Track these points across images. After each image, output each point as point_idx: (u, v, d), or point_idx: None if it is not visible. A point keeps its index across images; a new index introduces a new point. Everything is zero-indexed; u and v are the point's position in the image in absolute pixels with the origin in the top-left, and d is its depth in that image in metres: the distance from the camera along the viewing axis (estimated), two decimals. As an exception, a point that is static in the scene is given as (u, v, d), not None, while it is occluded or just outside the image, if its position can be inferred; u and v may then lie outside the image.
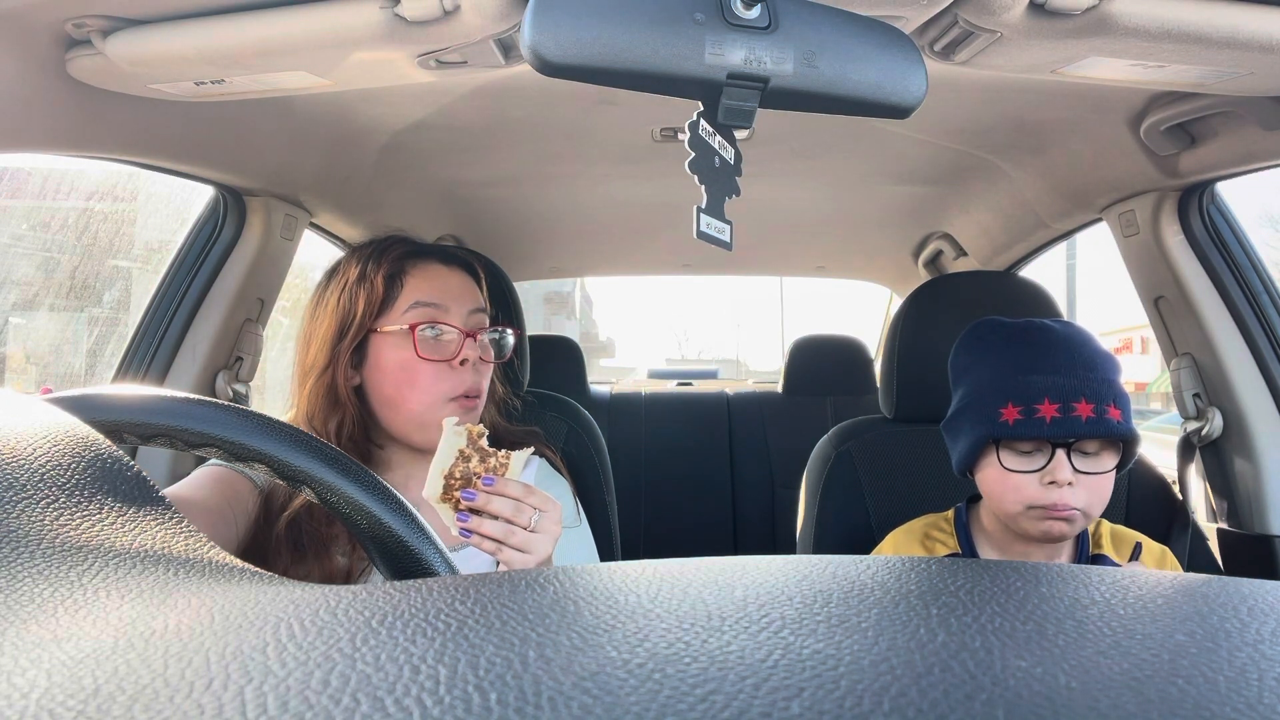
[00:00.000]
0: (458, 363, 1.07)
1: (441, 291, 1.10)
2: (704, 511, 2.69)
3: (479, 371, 1.10)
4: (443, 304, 1.09)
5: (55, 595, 0.26)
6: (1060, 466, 0.98)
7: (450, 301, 1.10)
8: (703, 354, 42.46)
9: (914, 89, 0.62)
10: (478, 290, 1.16)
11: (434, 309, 1.09)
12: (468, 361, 1.08)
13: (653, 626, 0.23)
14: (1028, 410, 0.99)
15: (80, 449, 0.35)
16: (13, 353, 3.49)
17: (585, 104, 1.41)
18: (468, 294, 1.13)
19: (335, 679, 0.20)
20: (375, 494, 0.49)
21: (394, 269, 1.11)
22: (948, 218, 2.22)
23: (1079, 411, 0.97)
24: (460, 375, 1.08)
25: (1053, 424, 0.98)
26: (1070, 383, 0.99)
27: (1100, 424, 0.98)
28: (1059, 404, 0.98)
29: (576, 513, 1.20)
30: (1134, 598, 0.27)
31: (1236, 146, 1.26)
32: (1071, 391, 0.98)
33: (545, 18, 0.54)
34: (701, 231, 0.62)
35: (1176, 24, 0.84)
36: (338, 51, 0.92)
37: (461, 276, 1.14)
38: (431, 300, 1.09)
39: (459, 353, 1.08)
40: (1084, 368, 1.00)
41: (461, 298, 1.11)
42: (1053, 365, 1.00)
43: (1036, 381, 0.99)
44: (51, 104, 0.98)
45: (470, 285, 1.15)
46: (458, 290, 1.12)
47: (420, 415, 1.07)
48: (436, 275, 1.12)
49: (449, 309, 1.10)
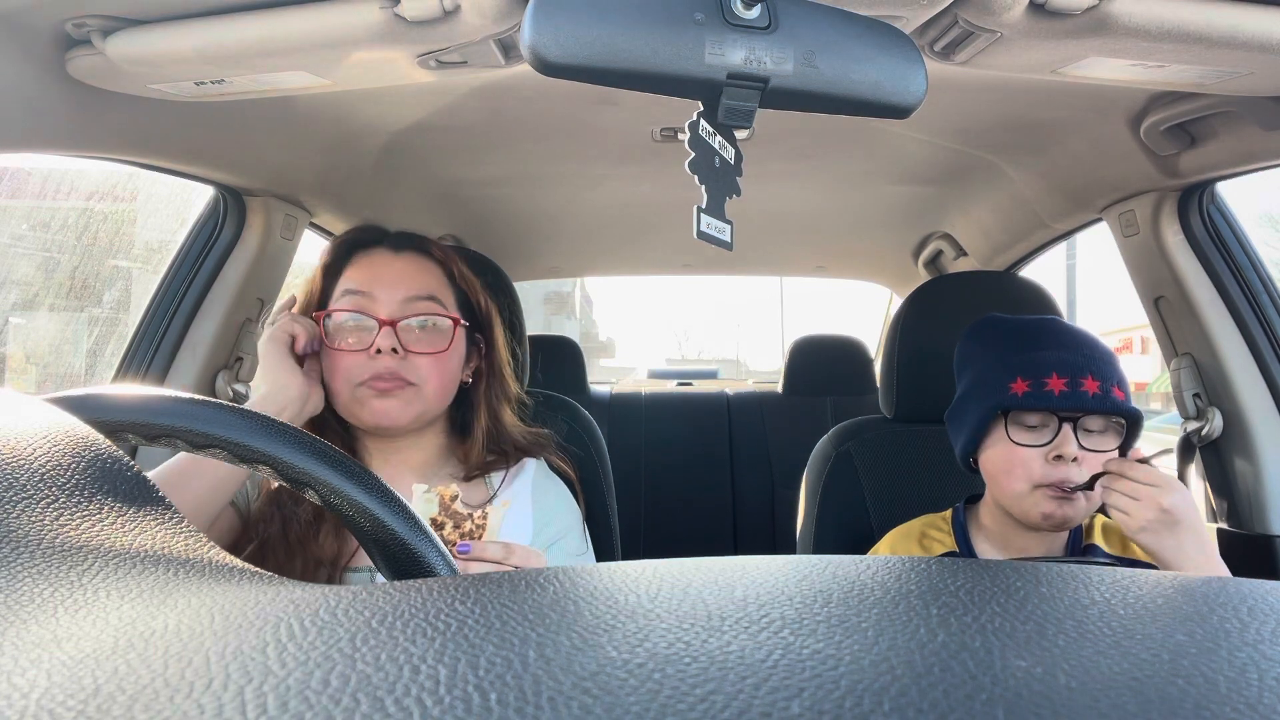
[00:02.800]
0: (373, 351, 1.03)
1: (371, 279, 1.07)
2: (704, 511, 2.69)
3: (408, 361, 1.04)
4: (369, 291, 1.06)
5: (55, 595, 0.26)
6: (1067, 440, 1.00)
7: (380, 289, 1.06)
8: (703, 354, 42.48)
9: (914, 89, 0.62)
10: (428, 277, 1.10)
11: (360, 297, 1.06)
12: (382, 351, 1.02)
13: (653, 626, 0.23)
14: (1036, 384, 1.01)
15: (80, 449, 0.35)
16: (13, 353, 3.49)
17: (585, 104, 1.41)
18: (406, 281, 1.07)
19: (335, 679, 0.20)
20: (377, 496, 0.49)
21: (334, 259, 1.10)
22: (948, 218, 2.22)
23: (1086, 387, 1.00)
24: (375, 362, 1.03)
25: (1061, 397, 1.00)
26: (1077, 359, 1.01)
27: (1107, 400, 1.00)
28: (1067, 378, 1.00)
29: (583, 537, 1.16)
30: (1134, 598, 0.27)
31: (1236, 146, 1.26)
32: (1079, 368, 1.01)
33: (545, 18, 0.54)
34: (702, 231, 0.62)
35: (1176, 24, 0.84)
36: (338, 51, 0.92)
37: (407, 263, 1.09)
38: (358, 288, 1.06)
39: (372, 342, 1.03)
40: (1089, 347, 1.03)
41: (395, 285, 1.06)
42: (1059, 343, 1.03)
43: (1045, 357, 1.02)
44: (51, 104, 0.98)
45: (415, 271, 1.09)
46: (392, 277, 1.07)
47: (345, 405, 1.06)
48: (375, 264, 1.09)
49: (376, 297, 1.05)
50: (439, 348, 1.07)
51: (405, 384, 1.04)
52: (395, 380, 1.03)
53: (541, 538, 1.09)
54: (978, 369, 1.09)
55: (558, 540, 1.10)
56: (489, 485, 1.12)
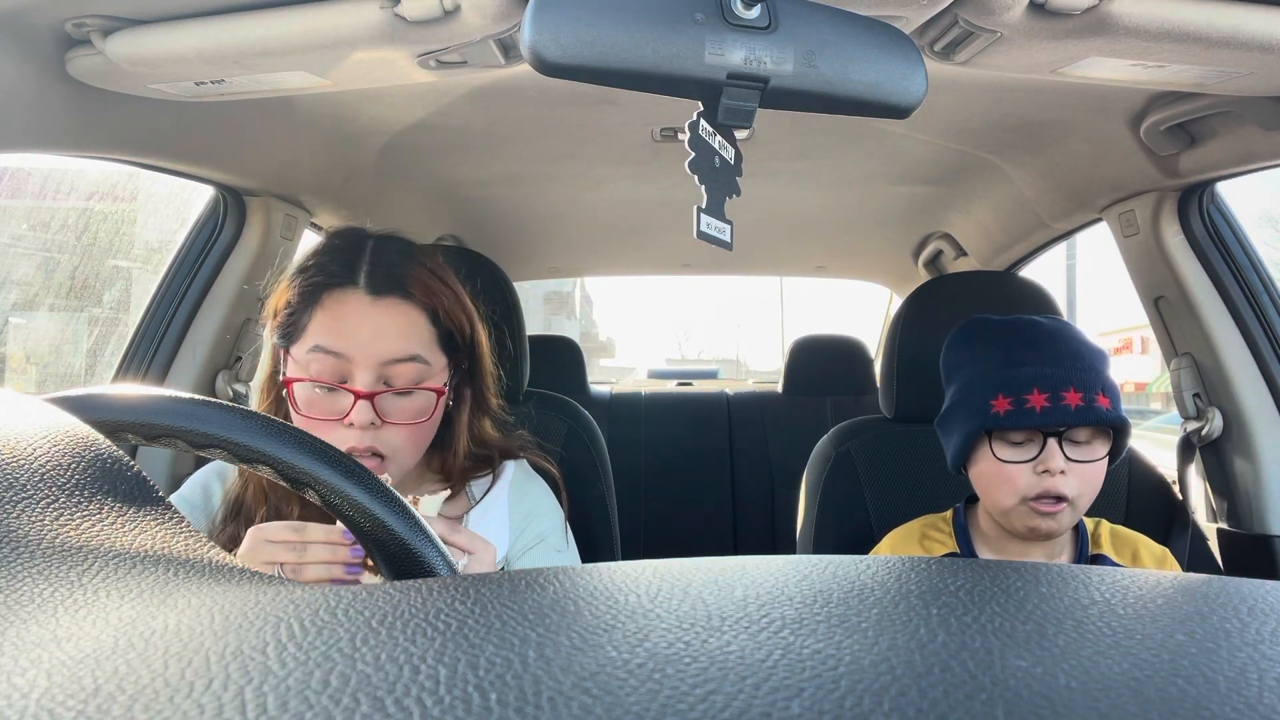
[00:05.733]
0: (346, 422, 0.91)
1: (344, 335, 0.92)
2: (704, 511, 2.70)
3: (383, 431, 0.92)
4: (343, 353, 0.92)
5: (55, 595, 0.26)
6: (1052, 455, 1.00)
7: (355, 349, 0.92)
8: (703, 354, 42.42)
9: (914, 89, 0.62)
10: (411, 329, 0.95)
11: (332, 359, 0.92)
12: (356, 424, 0.91)
13: (653, 626, 0.23)
14: (1018, 401, 1.01)
15: (80, 449, 0.35)
16: (13, 353, 3.49)
17: (585, 104, 1.41)
18: (385, 339, 0.93)
19: (335, 679, 0.20)
20: (378, 496, 0.50)
21: (305, 296, 0.95)
22: (948, 218, 2.22)
23: (1068, 400, 1.00)
24: (346, 431, 0.91)
25: (1043, 413, 1.00)
26: (1058, 372, 1.01)
27: (1089, 411, 1.00)
28: (1048, 393, 1.00)
29: (565, 538, 1.11)
30: (1134, 598, 0.27)
31: (1236, 146, 1.26)
32: (1060, 381, 1.00)
33: (545, 18, 0.54)
34: (701, 231, 0.62)
35: (1176, 24, 0.84)
36: (338, 51, 0.92)
37: (386, 314, 0.94)
38: (330, 347, 0.92)
39: (346, 415, 0.91)
40: (1070, 357, 1.03)
41: (373, 343, 0.92)
42: (1040, 356, 1.03)
43: (1025, 373, 1.02)
44: (51, 104, 0.98)
45: (396, 326, 0.94)
46: (369, 334, 0.92)
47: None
48: (349, 314, 0.93)
49: (351, 358, 0.92)
50: (420, 418, 0.95)
51: (378, 458, 0.93)
52: (367, 454, 0.92)
53: (521, 542, 1.07)
54: (961, 380, 1.09)
55: (538, 543, 1.07)
56: (470, 496, 1.08)
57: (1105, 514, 1.20)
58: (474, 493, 1.09)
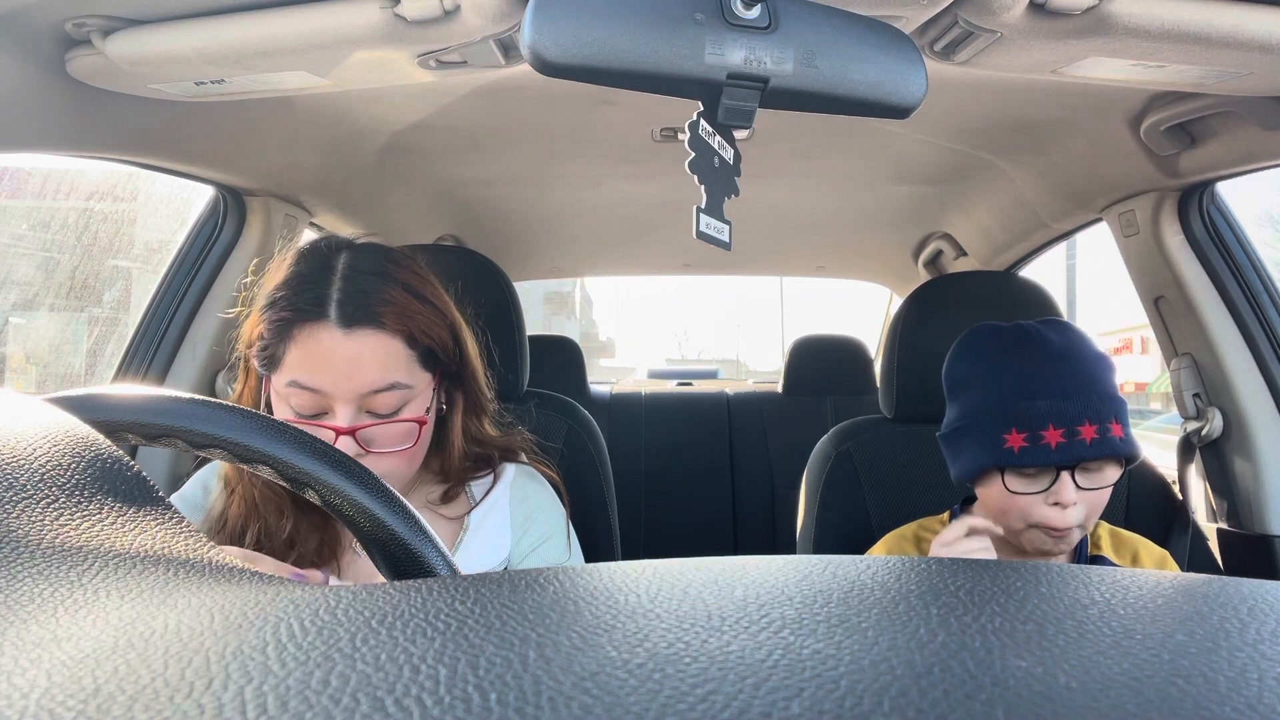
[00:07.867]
0: None
1: (319, 370, 0.90)
2: (704, 511, 2.70)
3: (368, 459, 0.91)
4: (320, 389, 0.90)
5: (55, 595, 0.26)
6: (1064, 488, 0.98)
7: (332, 384, 0.90)
8: (703, 354, 42.42)
9: (914, 89, 0.62)
10: (387, 358, 0.92)
11: (310, 395, 0.90)
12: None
13: (653, 626, 0.23)
14: (1032, 437, 0.98)
15: (80, 449, 0.35)
16: (13, 353, 3.49)
17: (585, 104, 1.41)
18: (361, 370, 0.91)
19: (335, 679, 0.20)
20: (378, 496, 0.50)
21: (276, 330, 0.92)
22: (948, 218, 2.22)
23: (1083, 435, 0.97)
24: None
25: (1058, 450, 0.97)
26: (1073, 407, 0.98)
27: (1105, 444, 0.98)
28: (1063, 429, 0.97)
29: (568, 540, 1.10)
30: (1134, 598, 0.27)
31: (1236, 146, 1.26)
32: (1075, 415, 0.98)
33: (545, 18, 0.54)
34: (701, 231, 0.62)
35: (1176, 24, 0.84)
36: (338, 51, 0.92)
37: (360, 346, 0.91)
38: (306, 383, 0.90)
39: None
40: (1083, 388, 0.99)
41: (350, 376, 0.90)
42: (1054, 388, 0.99)
43: (1040, 407, 0.98)
44: (51, 104, 0.98)
45: (371, 356, 0.91)
46: (345, 368, 0.90)
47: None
48: (322, 349, 0.90)
49: (329, 393, 0.90)
50: (405, 444, 0.94)
51: None
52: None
53: (524, 543, 1.06)
54: (969, 403, 1.06)
55: (540, 545, 1.06)
56: (470, 497, 1.08)
57: (1105, 515, 1.20)
58: (474, 493, 1.08)
